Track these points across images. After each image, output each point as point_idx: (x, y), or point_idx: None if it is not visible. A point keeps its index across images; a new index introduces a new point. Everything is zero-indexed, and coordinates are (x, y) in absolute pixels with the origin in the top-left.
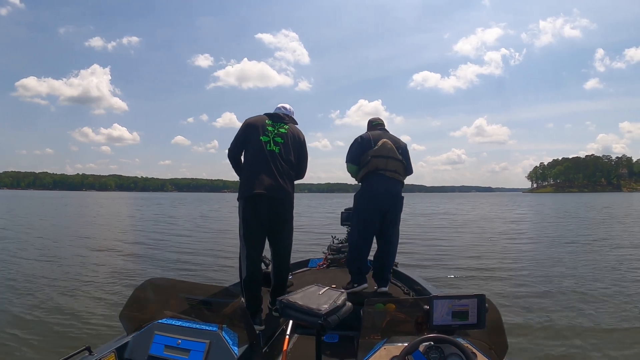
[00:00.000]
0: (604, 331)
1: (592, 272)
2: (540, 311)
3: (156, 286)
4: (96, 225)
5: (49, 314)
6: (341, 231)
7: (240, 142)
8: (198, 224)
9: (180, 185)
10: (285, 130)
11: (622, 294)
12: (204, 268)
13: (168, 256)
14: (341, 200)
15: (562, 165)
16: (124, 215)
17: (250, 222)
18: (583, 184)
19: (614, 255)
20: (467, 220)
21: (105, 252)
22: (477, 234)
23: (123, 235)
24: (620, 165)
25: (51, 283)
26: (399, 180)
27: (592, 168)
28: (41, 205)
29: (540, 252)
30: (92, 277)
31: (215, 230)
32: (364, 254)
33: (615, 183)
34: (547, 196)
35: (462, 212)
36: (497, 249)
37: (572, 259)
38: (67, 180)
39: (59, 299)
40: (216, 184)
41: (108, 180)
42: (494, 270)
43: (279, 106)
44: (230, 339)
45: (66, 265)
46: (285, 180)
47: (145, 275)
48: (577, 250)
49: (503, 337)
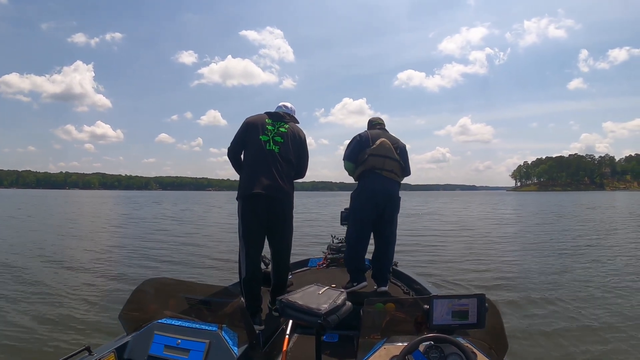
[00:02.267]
0: (604, 330)
1: (592, 272)
2: (541, 310)
3: (156, 286)
4: (95, 225)
5: (48, 314)
6: (341, 231)
7: (239, 141)
8: (198, 224)
9: (164, 184)
10: (285, 130)
11: (622, 293)
12: (203, 268)
13: (168, 256)
14: (327, 199)
15: (546, 164)
16: (123, 215)
17: (249, 221)
18: (566, 183)
19: (614, 255)
20: (461, 219)
21: (104, 252)
22: (475, 233)
23: (122, 235)
24: (603, 164)
25: (50, 283)
26: (395, 180)
27: (575, 167)
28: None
29: (540, 252)
30: (91, 277)
31: (215, 230)
32: (361, 252)
33: (599, 182)
34: (531, 195)
35: (454, 211)
36: (496, 249)
37: (571, 258)
38: (50, 178)
39: (59, 299)
40: (201, 182)
41: (92, 178)
42: (494, 270)
43: (280, 105)
44: (230, 339)
45: (65, 265)
46: (284, 180)
47: (144, 275)
48: (575, 249)
49: (503, 337)
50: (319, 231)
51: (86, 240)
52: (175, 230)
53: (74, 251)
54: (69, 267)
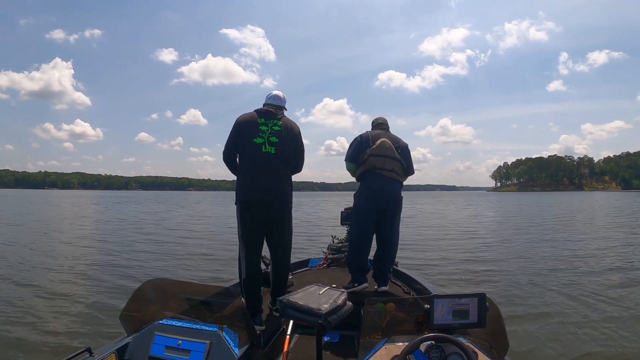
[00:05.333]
0: (605, 330)
1: (592, 271)
2: (542, 309)
3: (156, 287)
4: (94, 225)
5: (49, 315)
6: (341, 231)
7: (233, 144)
8: (198, 223)
9: (144, 184)
10: (279, 128)
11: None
12: (203, 268)
13: (168, 256)
14: (307, 199)
15: (526, 165)
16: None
17: (248, 225)
18: (546, 183)
19: (615, 254)
20: (455, 219)
21: (105, 253)
22: (473, 233)
23: (122, 235)
24: (582, 165)
25: (51, 284)
26: (396, 179)
27: (554, 168)
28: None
29: (539, 251)
30: (91, 278)
31: (215, 230)
32: (363, 253)
33: (577, 182)
34: (512, 195)
35: (444, 212)
36: (494, 248)
37: (571, 258)
38: (29, 178)
39: (59, 300)
40: (181, 182)
41: (71, 178)
42: (494, 269)
43: (272, 95)
44: (231, 340)
45: (65, 265)
46: (282, 182)
47: (145, 276)
48: (574, 249)
49: (504, 336)
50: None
51: (86, 240)
52: (175, 231)
53: (74, 252)
54: (69, 267)
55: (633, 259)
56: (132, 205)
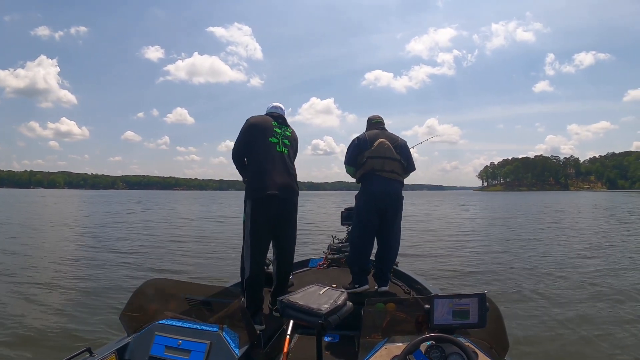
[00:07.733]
0: (605, 330)
1: (593, 271)
2: (542, 309)
3: (156, 287)
4: (93, 226)
5: (49, 315)
6: (341, 231)
7: (244, 143)
8: (198, 224)
9: (131, 183)
10: (290, 134)
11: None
12: (203, 268)
13: (168, 257)
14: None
15: (512, 165)
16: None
17: (258, 223)
18: (532, 183)
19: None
20: (451, 219)
21: (104, 253)
22: (469, 233)
23: (122, 236)
24: (568, 165)
25: (51, 284)
26: (397, 180)
27: (540, 168)
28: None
29: (539, 251)
30: (92, 278)
31: (214, 230)
32: (364, 254)
33: (563, 182)
34: (500, 194)
35: (438, 212)
36: (494, 248)
37: (571, 258)
38: (14, 177)
39: (59, 300)
40: (168, 181)
41: (57, 177)
42: (494, 269)
43: (274, 105)
44: (231, 340)
45: (65, 265)
46: (294, 181)
47: (145, 276)
48: (574, 249)
49: (504, 336)
50: None
51: (85, 241)
52: (175, 231)
53: (74, 252)
54: (69, 268)
55: (636, 258)
56: (132, 204)
